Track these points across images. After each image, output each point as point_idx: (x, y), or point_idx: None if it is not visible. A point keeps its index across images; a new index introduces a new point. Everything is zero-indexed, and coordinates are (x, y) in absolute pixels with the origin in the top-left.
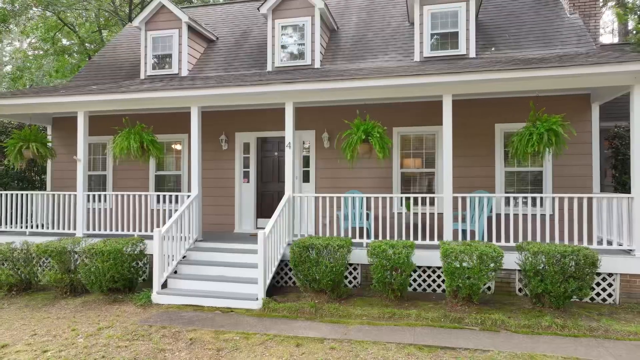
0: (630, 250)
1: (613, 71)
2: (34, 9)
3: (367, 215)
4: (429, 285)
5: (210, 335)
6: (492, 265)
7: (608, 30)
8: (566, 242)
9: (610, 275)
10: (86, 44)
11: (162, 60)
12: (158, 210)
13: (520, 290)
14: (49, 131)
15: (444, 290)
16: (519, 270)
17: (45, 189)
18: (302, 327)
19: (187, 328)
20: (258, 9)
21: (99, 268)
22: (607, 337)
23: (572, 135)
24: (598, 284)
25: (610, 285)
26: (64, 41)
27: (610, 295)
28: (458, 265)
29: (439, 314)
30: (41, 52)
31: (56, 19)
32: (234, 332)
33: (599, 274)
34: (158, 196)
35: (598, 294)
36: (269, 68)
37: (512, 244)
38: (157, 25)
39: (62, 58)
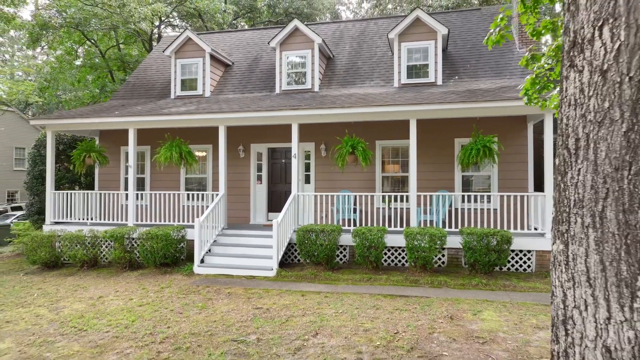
0: (544, 233)
1: None
2: (61, 30)
3: (355, 209)
4: (399, 261)
5: (242, 291)
6: (438, 242)
7: None
8: (505, 228)
9: (529, 251)
10: (108, 58)
11: (189, 83)
12: (189, 206)
13: (466, 263)
14: (96, 142)
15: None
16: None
17: (89, 189)
18: (305, 286)
19: (224, 287)
20: (268, 42)
21: (153, 247)
22: (513, 290)
23: (511, 147)
24: (521, 258)
25: (529, 259)
26: (81, 54)
27: (529, 266)
28: (416, 243)
29: (402, 278)
30: (64, 64)
31: (79, 34)
32: (258, 289)
33: (521, 251)
34: (193, 194)
35: (521, 266)
36: (277, 91)
37: None
38: (185, 55)
39: (84, 69)
